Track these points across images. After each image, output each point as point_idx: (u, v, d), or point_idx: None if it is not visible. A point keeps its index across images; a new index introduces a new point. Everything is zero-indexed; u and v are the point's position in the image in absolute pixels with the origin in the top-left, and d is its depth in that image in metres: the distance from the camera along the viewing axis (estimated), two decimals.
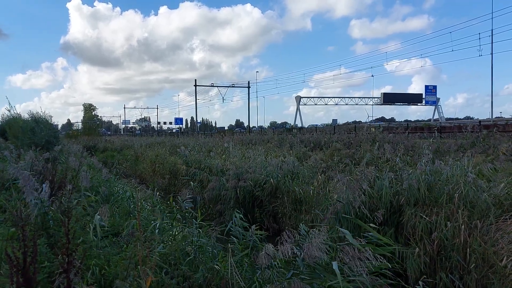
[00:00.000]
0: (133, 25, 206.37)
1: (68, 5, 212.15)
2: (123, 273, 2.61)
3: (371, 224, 4.72)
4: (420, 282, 3.79)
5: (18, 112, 19.70)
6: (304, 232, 3.77)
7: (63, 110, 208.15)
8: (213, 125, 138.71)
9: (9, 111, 18.94)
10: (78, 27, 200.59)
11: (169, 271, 3.43)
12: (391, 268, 4.51)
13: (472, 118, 63.79)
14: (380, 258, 2.92)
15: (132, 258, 2.74)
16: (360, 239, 3.67)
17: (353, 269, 2.86)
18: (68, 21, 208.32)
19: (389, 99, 78.95)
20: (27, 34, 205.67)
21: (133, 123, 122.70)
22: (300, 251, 3.23)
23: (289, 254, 3.01)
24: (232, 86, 63.94)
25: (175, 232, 4.58)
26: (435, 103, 76.68)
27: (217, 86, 63.72)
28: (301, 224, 4.13)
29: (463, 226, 5.26)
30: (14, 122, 18.34)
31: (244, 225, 4.60)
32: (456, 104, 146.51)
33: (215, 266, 3.55)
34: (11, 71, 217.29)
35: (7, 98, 19.10)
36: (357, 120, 78.92)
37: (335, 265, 2.91)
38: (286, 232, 3.09)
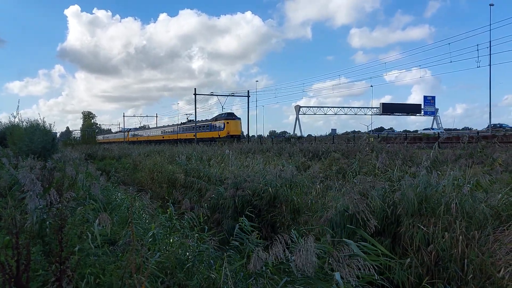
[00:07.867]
0: (131, 32, 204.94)
1: (66, 12, 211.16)
2: (118, 282, 2.60)
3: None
4: None
5: (17, 119, 19.79)
6: (295, 238, 3.76)
7: (61, 118, 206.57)
8: None
9: (15, 117, 19.01)
10: (76, 34, 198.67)
11: (165, 280, 3.41)
12: (388, 279, 4.48)
13: (470, 129, 63.95)
14: (371, 267, 2.88)
15: (127, 267, 2.73)
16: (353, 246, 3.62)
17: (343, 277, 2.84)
18: (66, 28, 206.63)
19: (388, 109, 79.04)
20: (24, 40, 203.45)
21: None
22: (291, 257, 3.22)
23: (281, 256, 2.99)
24: (232, 95, 64.08)
25: (171, 241, 4.57)
26: (433, 113, 76.87)
27: (217, 95, 63.85)
28: (293, 230, 4.10)
29: (460, 237, 5.24)
30: (15, 128, 18.40)
31: (250, 229, 4.56)
32: (455, 114, 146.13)
33: (211, 275, 3.53)
34: (8, 78, 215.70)
35: (18, 103, 19.40)
36: (356, 130, 78.93)
37: (337, 275, 2.87)
38: (278, 237, 3.07)
